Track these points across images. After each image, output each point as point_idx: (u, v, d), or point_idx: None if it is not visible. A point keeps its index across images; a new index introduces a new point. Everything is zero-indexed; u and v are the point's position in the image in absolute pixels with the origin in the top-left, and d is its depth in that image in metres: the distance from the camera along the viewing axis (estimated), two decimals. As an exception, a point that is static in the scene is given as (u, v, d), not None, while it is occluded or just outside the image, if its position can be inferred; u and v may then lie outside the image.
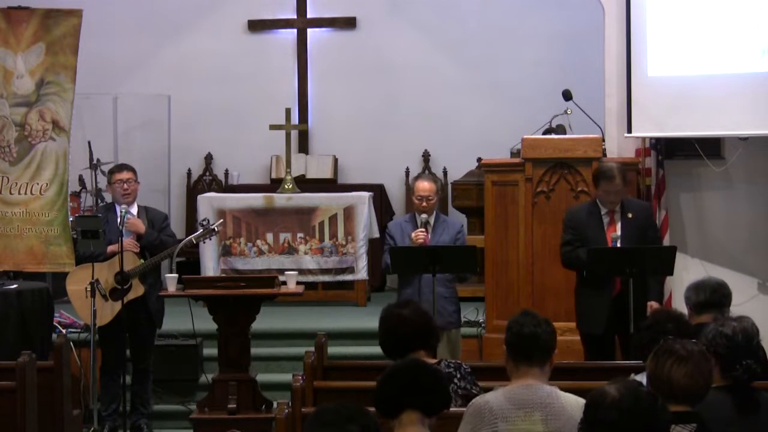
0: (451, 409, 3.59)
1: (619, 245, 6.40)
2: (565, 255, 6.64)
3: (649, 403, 3.08)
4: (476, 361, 7.59)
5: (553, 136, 7.95)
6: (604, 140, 7.78)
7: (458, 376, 4.44)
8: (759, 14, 7.69)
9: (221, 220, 8.50)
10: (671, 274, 6.57)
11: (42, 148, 8.11)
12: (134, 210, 7.22)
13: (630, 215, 6.56)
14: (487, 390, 4.02)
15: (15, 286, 7.60)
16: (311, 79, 11.26)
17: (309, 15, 11.25)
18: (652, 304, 6.48)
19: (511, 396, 3.83)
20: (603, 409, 3.07)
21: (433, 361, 4.36)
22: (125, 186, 7.16)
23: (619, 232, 6.48)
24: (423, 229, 6.69)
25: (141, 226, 7.11)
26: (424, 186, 6.78)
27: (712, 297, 5.17)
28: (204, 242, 7.69)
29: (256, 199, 9.34)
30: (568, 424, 3.70)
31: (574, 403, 3.79)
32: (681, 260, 7.42)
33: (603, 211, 6.60)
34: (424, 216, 6.75)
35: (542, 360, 3.91)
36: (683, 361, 3.42)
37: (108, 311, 6.98)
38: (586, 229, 6.58)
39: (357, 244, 9.20)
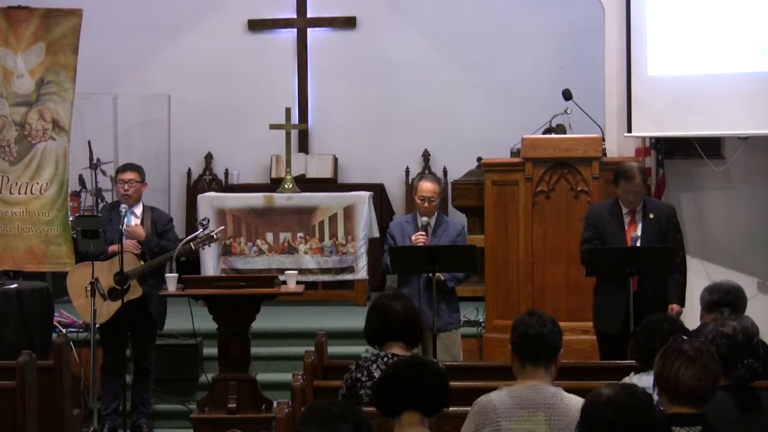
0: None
1: (639, 245, 6.40)
2: (584, 252, 6.65)
3: (645, 399, 3.08)
4: (476, 361, 7.60)
5: (553, 135, 7.95)
6: (604, 140, 7.78)
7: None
8: (759, 14, 7.69)
9: (222, 227, 8.46)
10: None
11: (42, 148, 8.12)
12: (138, 210, 7.20)
13: (652, 216, 6.55)
14: (490, 390, 4.01)
15: (15, 285, 7.60)
16: (311, 79, 11.26)
17: (309, 15, 11.25)
18: (674, 307, 6.46)
19: (516, 395, 3.83)
20: (599, 406, 3.08)
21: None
22: (126, 186, 7.15)
23: (639, 232, 6.48)
24: (423, 233, 6.64)
25: (141, 233, 7.08)
26: (427, 187, 6.73)
27: (725, 298, 5.20)
28: (203, 248, 7.57)
29: (256, 199, 9.34)
30: (571, 425, 3.69)
31: (579, 404, 3.77)
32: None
33: (624, 210, 6.60)
34: (424, 219, 6.71)
35: (548, 360, 3.90)
36: (691, 362, 3.40)
37: (106, 310, 6.97)
38: (605, 227, 6.58)
39: (357, 243, 9.20)
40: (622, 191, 6.56)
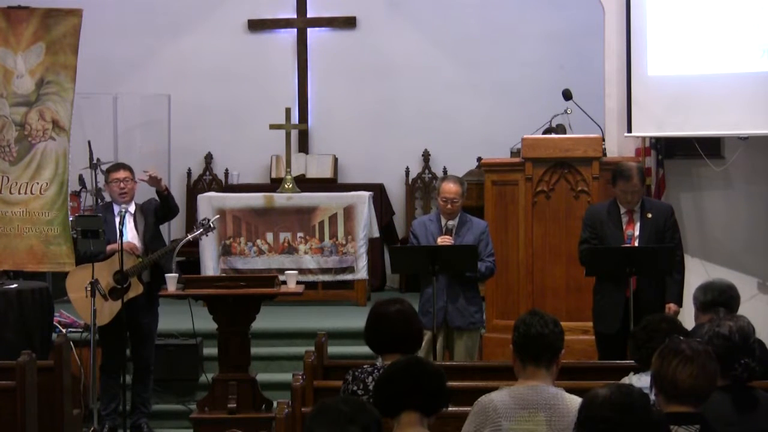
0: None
1: (637, 244, 6.40)
2: (582, 253, 6.65)
3: (641, 399, 3.09)
4: (476, 361, 7.60)
5: (553, 135, 7.95)
6: (604, 140, 7.78)
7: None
8: (759, 14, 7.69)
9: (217, 216, 8.46)
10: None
11: (42, 148, 8.10)
12: (132, 209, 7.22)
13: (650, 215, 6.56)
14: (490, 390, 4.01)
15: (15, 285, 7.60)
16: (311, 79, 11.27)
17: (309, 15, 11.26)
18: (671, 306, 6.46)
19: (516, 396, 3.83)
20: (596, 406, 3.08)
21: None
22: (122, 185, 7.17)
23: (637, 232, 6.48)
24: (449, 236, 6.61)
25: (136, 248, 7.08)
26: (450, 188, 6.69)
27: (719, 297, 5.15)
28: (202, 238, 7.55)
29: (256, 199, 9.34)
30: (572, 425, 3.68)
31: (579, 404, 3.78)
32: (681, 260, 7.42)
33: (622, 210, 6.60)
34: (450, 222, 6.70)
35: (549, 361, 3.89)
36: (689, 361, 3.40)
37: (107, 311, 6.97)
38: (603, 227, 6.59)
39: (357, 243, 9.20)
40: (620, 191, 6.56)
